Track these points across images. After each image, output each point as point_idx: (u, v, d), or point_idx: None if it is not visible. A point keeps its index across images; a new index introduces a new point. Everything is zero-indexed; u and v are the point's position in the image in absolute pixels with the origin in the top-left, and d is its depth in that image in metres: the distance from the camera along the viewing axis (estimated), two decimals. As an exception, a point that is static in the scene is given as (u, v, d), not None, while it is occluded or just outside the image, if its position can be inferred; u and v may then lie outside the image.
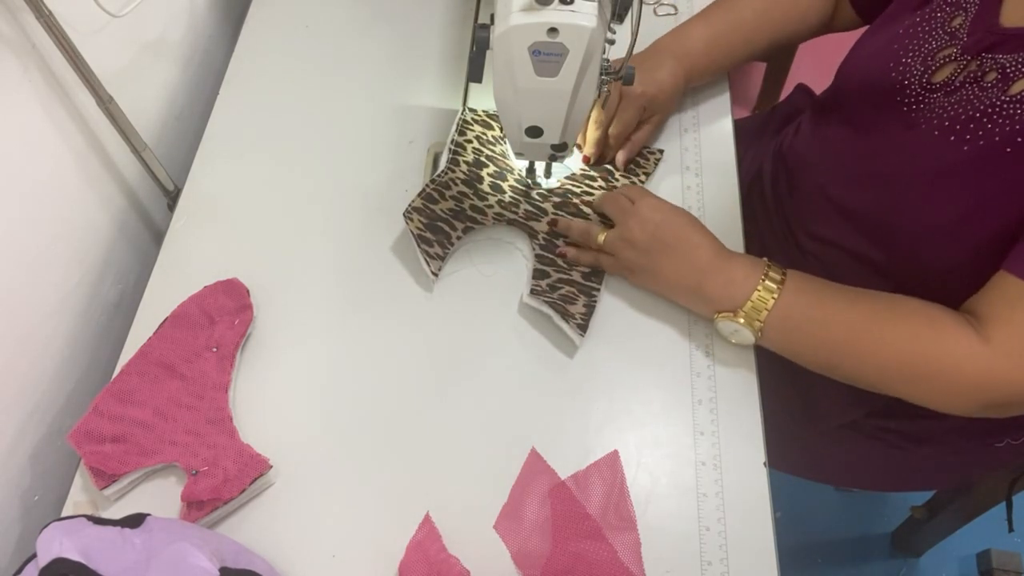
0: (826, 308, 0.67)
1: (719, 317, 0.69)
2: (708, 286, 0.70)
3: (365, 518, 0.66)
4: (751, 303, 0.67)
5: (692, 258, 0.71)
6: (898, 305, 0.66)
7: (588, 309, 0.73)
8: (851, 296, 0.67)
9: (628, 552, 0.63)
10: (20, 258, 0.70)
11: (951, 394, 0.63)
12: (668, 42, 0.84)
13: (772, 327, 0.68)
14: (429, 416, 0.70)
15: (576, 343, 0.72)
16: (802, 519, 1.41)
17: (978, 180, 0.62)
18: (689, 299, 0.72)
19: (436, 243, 0.77)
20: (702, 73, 0.85)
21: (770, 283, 0.68)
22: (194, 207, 0.83)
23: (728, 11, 0.84)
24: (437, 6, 0.99)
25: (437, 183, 0.80)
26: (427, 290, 0.77)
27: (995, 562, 1.33)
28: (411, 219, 0.76)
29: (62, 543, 0.50)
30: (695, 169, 0.84)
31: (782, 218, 0.88)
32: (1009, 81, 0.60)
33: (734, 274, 0.69)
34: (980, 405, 0.62)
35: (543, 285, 0.75)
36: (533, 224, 0.80)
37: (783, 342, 0.69)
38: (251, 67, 0.94)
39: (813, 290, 0.68)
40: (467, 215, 0.80)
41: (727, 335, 0.71)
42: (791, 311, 0.67)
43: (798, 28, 0.85)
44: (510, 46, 0.62)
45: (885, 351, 0.64)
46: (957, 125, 0.63)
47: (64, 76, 0.73)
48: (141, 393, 0.69)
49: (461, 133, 0.85)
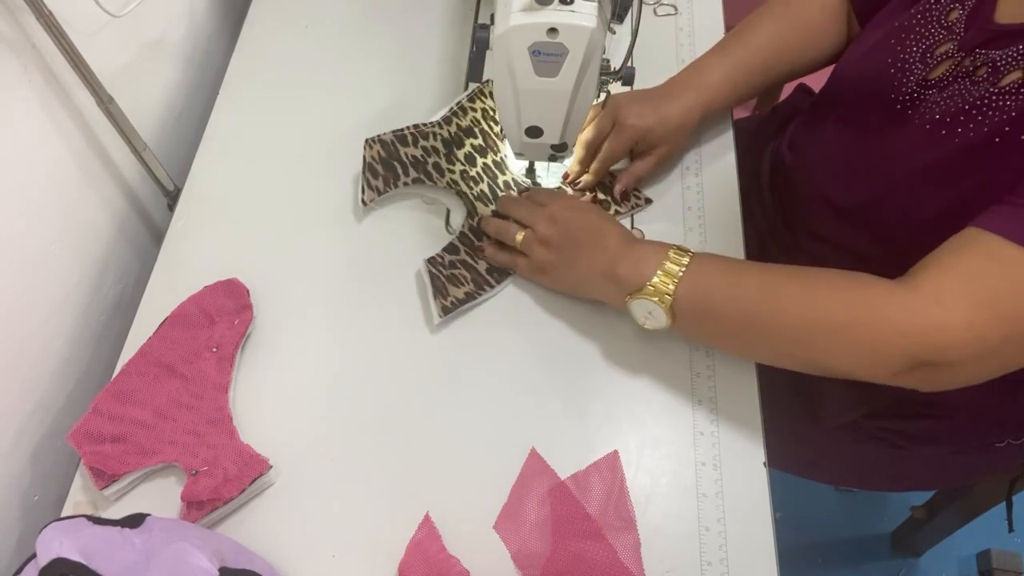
0: (737, 274, 0.65)
1: (630, 299, 0.68)
2: (618, 269, 0.68)
3: (365, 518, 0.66)
4: (658, 277, 0.66)
5: (602, 246, 0.70)
6: (818, 270, 0.63)
7: (467, 298, 0.74)
8: (764, 265, 0.66)
9: (628, 552, 0.63)
10: (20, 258, 0.70)
11: (873, 350, 0.58)
12: (687, 76, 0.82)
13: (682, 300, 0.65)
14: (429, 416, 0.70)
15: (434, 321, 0.73)
16: (802, 519, 1.41)
17: (970, 172, 0.62)
18: (602, 286, 0.71)
19: (382, 178, 0.79)
20: (723, 104, 0.83)
21: (676, 255, 0.67)
22: (194, 207, 0.83)
23: (745, 41, 0.83)
24: (437, 6, 0.99)
25: (417, 129, 0.82)
26: (427, 290, 0.77)
27: (995, 562, 1.33)
28: (371, 147, 0.79)
29: (62, 543, 0.50)
30: (695, 169, 0.84)
31: (780, 218, 0.88)
32: (999, 75, 0.61)
33: (643, 253, 0.68)
34: (907, 359, 0.57)
35: (445, 259, 0.76)
36: (479, 205, 0.80)
37: (695, 318, 0.66)
38: (251, 67, 0.94)
39: (723, 260, 0.67)
40: (425, 169, 0.81)
41: (641, 320, 0.69)
42: (699, 281, 0.65)
43: (815, 55, 0.84)
44: (510, 46, 0.62)
45: (800, 310, 0.61)
46: (948, 119, 0.63)
47: (64, 76, 0.73)
48: (141, 393, 0.69)
49: (471, 100, 0.86)
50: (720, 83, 0.81)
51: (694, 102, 0.80)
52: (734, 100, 0.84)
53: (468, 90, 0.87)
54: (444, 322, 0.75)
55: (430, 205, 0.83)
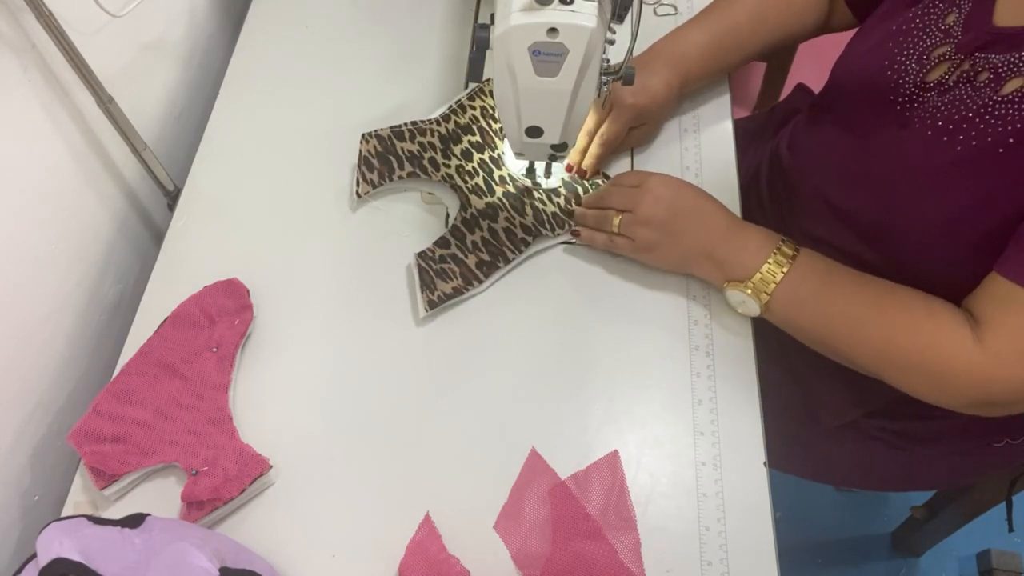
0: (833, 288, 0.68)
1: (728, 286, 0.71)
2: (721, 251, 0.71)
3: (365, 518, 0.66)
4: (760, 275, 0.69)
5: (708, 224, 0.72)
6: (902, 294, 0.67)
7: (455, 293, 0.75)
8: (859, 280, 0.68)
9: (628, 552, 0.63)
10: (20, 258, 0.70)
11: (941, 389, 0.64)
12: (664, 46, 0.84)
13: (778, 301, 0.69)
14: (429, 416, 0.70)
15: (419, 314, 0.74)
16: (802, 519, 1.41)
17: (971, 180, 0.62)
18: (702, 265, 0.73)
19: (377, 171, 0.81)
20: (698, 78, 0.84)
21: (781, 257, 0.69)
22: (194, 207, 0.83)
23: (724, 14, 0.84)
24: (437, 6, 0.99)
25: (415, 126, 0.83)
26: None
27: (995, 562, 1.33)
28: (367, 141, 0.81)
29: (62, 543, 0.50)
30: (695, 169, 0.84)
31: (778, 218, 0.88)
32: (1001, 81, 0.60)
33: (748, 242, 0.70)
34: (969, 402, 0.63)
35: (436, 254, 0.77)
36: (473, 198, 0.80)
37: (786, 317, 0.70)
38: (251, 67, 0.94)
39: (823, 269, 0.69)
40: (421, 163, 0.82)
41: (734, 305, 0.72)
42: (799, 287, 0.68)
43: (793, 29, 0.85)
44: (510, 46, 0.62)
45: (883, 337, 0.65)
46: (950, 125, 0.63)
47: (64, 76, 0.73)
48: (141, 393, 0.69)
49: (470, 98, 0.86)
50: (696, 56, 0.83)
51: (672, 76, 0.81)
52: (711, 72, 0.85)
53: (468, 89, 0.88)
54: (444, 322, 0.75)
55: (430, 205, 0.83)
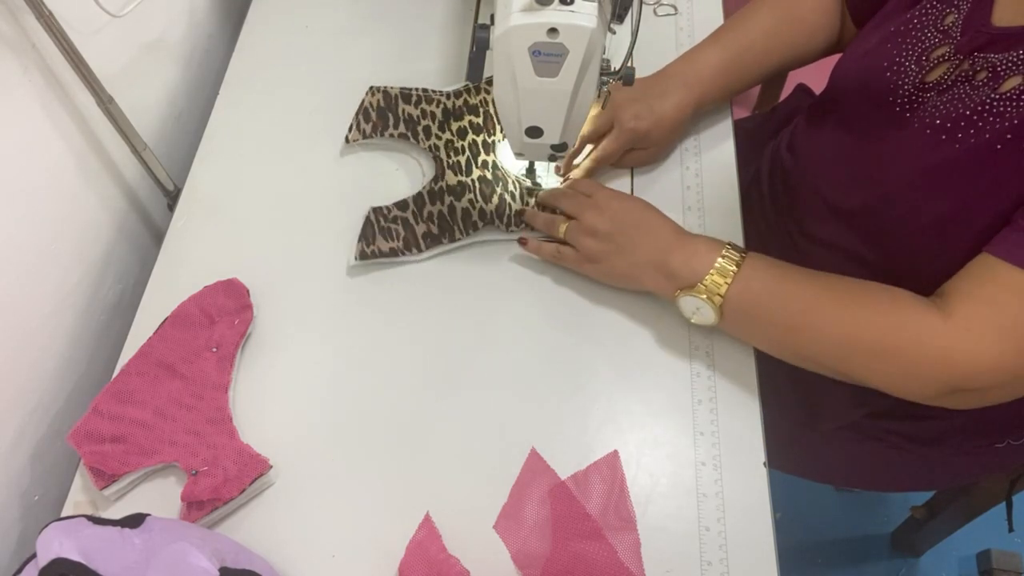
0: (786, 283, 0.67)
1: (680, 294, 0.69)
2: (671, 261, 0.69)
3: (365, 518, 0.66)
4: (711, 276, 0.67)
5: (655, 236, 0.71)
6: (860, 284, 0.65)
7: (391, 253, 0.77)
8: (812, 274, 0.67)
9: (628, 552, 0.63)
10: (20, 258, 0.70)
11: (911, 375, 0.62)
12: (679, 68, 0.83)
13: (732, 301, 0.67)
14: (429, 416, 0.70)
15: (350, 262, 0.76)
16: (802, 519, 1.41)
17: (970, 179, 0.62)
18: (652, 278, 0.71)
19: (371, 124, 0.84)
20: (714, 99, 0.83)
21: (730, 256, 0.68)
22: (194, 207, 0.83)
23: (738, 32, 0.83)
24: (437, 6, 0.99)
25: (424, 93, 0.86)
26: (428, 290, 0.77)
27: (995, 562, 1.33)
28: (373, 94, 0.85)
29: (62, 543, 0.50)
30: (695, 169, 0.84)
31: (780, 219, 0.88)
32: (1000, 79, 0.60)
33: (696, 248, 0.69)
34: (941, 385, 0.61)
35: (391, 214, 0.79)
36: (448, 173, 0.81)
37: (743, 320, 0.68)
38: (251, 67, 0.94)
39: (774, 264, 0.68)
40: (414, 128, 0.84)
41: (689, 314, 0.70)
42: (751, 283, 0.67)
43: (807, 49, 0.84)
44: (510, 46, 0.62)
45: (844, 327, 0.63)
46: (948, 124, 0.63)
47: (64, 76, 0.73)
48: (141, 393, 0.69)
49: (488, 82, 0.87)
50: (712, 77, 0.82)
51: (687, 98, 0.81)
52: (726, 94, 0.85)
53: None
54: (444, 323, 0.75)
55: None
